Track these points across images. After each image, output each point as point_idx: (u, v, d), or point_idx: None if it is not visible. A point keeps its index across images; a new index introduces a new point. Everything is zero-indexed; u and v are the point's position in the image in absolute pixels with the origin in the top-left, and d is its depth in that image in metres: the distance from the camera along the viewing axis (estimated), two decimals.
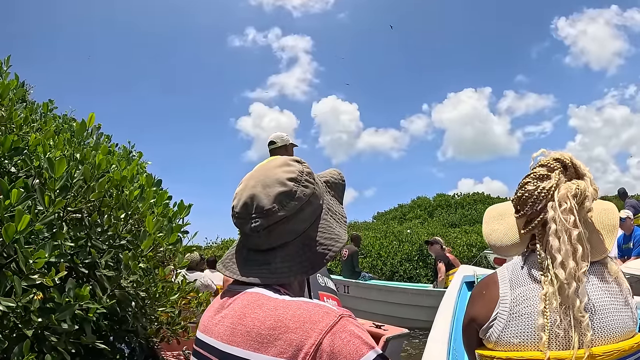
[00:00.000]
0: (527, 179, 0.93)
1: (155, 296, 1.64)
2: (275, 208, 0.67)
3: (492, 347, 0.90)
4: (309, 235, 0.70)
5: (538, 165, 0.95)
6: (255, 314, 0.62)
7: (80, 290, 1.28)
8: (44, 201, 1.24)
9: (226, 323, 0.65)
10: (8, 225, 1.05)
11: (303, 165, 0.73)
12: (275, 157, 0.78)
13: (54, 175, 1.27)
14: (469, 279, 2.31)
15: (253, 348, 0.59)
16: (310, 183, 0.71)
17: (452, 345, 1.67)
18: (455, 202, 19.71)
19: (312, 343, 0.56)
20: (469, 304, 1.00)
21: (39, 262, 1.10)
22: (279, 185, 0.68)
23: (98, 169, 1.38)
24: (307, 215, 0.70)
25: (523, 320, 0.85)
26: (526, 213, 0.91)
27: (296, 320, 0.58)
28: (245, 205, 0.69)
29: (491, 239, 1.02)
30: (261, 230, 0.67)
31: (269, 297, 0.64)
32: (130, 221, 1.63)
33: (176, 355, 2.26)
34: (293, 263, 0.68)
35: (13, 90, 1.58)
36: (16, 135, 1.55)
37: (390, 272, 10.12)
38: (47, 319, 1.15)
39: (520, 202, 0.93)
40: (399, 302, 6.30)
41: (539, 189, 0.89)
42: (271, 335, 0.58)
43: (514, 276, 0.91)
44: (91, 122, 1.64)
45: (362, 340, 0.57)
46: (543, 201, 0.88)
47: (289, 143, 2.79)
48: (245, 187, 0.71)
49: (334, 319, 0.58)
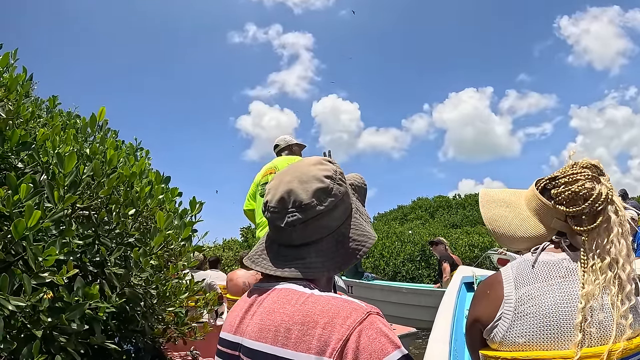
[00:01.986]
0: (579, 177, 0.92)
1: (165, 295, 1.60)
2: (313, 203, 0.68)
3: (496, 347, 0.89)
4: (342, 232, 0.71)
5: (579, 166, 0.94)
6: (284, 309, 0.62)
7: (90, 289, 1.24)
8: (54, 197, 1.20)
9: (255, 320, 0.65)
10: (18, 221, 1.02)
11: (335, 165, 0.75)
12: (309, 157, 0.79)
13: (64, 171, 1.24)
14: (468, 280, 2.33)
15: (280, 344, 0.59)
16: (342, 182, 0.73)
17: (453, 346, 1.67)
18: (456, 203, 19.70)
19: (339, 338, 0.56)
20: (473, 304, 0.99)
21: (49, 260, 1.06)
22: (316, 182, 0.69)
23: (109, 164, 1.34)
24: (340, 212, 0.71)
25: (528, 319, 0.84)
26: (582, 209, 0.90)
27: (324, 316, 0.58)
28: (282, 199, 0.69)
29: (496, 225, 1.00)
30: (298, 225, 0.67)
31: (298, 292, 0.64)
32: (140, 218, 1.59)
33: (183, 355, 2.22)
34: (326, 259, 0.69)
35: (20, 84, 1.54)
36: (23, 130, 1.51)
37: (393, 272, 10.11)
38: (56, 318, 1.11)
39: (574, 197, 0.91)
40: (402, 302, 6.28)
41: (597, 190, 0.90)
42: (299, 330, 0.58)
43: (519, 275, 0.90)
44: (101, 116, 1.60)
45: (389, 338, 0.57)
46: (603, 203, 0.90)
47: (293, 143, 2.94)
48: (280, 182, 0.71)
49: (362, 315, 0.58)
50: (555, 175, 0.96)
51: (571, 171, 0.93)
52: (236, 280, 4.43)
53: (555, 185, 0.94)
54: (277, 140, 3.01)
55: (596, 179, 0.92)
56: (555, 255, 0.91)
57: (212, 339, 3.56)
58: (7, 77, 1.54)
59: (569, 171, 0.94)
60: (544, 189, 0.97)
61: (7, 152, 1.45)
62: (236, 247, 12.62)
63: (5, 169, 1.49)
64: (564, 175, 0.93)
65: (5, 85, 1.50)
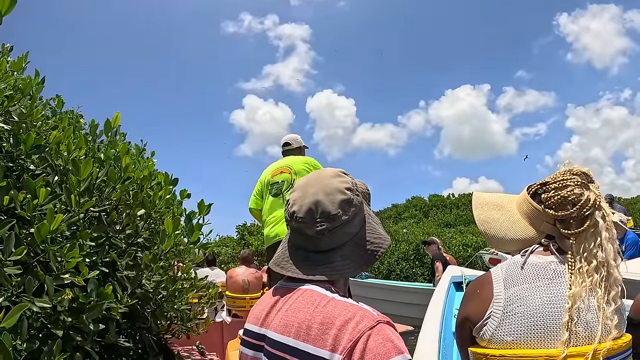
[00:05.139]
0: (569, 183, 0.95)
1: (174, 293, 1.65)
2: (339, 213, 0.76)
3: (485, 345, 0.93)
4: (361, 236, 0.80)
5: (570, 172, 0.98)
6: (307, 309, 0.70)
7: (103, 289, 1.29)
8: (71, 201, 1.24)
9: (280, 316, 0.74)
10: (41, 224, 1.06)
11: (349, 176, 0.83)
12: (325, 169, 0.85)
13: (80, 177, 1.28)
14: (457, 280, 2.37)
15: (302, 339, 0.67)
16: (359, 192, 0.81)
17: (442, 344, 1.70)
18: (451, 203, 19.84)
19: (350, 339, 0.64)
20: (463, 302, 1.02)
21: (71, 262, 1.11)
22: (340, 194, 0.77)
23: (125, 171, 1.39)
24: (358, 219, 0.80)
25: (517, 319, 0.87)
26: (570, 213, 0.94)
27: (341, 319, 0.66)
28: (310, 210, 0.76)
29: (487, 227, 1.04)
30: (326, 233, 0.75)
31: (321, 294, 0.72)
32: (149, 220, 1.64)
33: (187, 350, 2.28)
34: (350, 261, 0.77)
35: (33, 87, 1.57)
36: (36, 133, 1.54)
37: (387, 270, 10.21)
38: (75, 318, 1.15)
39: (563, 202, 0.95)
40: (395, 300, 6.36)
41: (585, 195, 0.94)
42: (319, 329, 0.66)
43: (508, 276, 0.93)
44: (116, 121, 1.64)
45: (394, 344, 0.64)
46: (591, 208, 0.93)
47: (303, 145, 2.92)
48: (304, 194, 0.78)
49: (372, 322, 0.66)
50: (546, 180, 0.99)
51: (562, 177, 0.97)
52: (236, 278, 4.48)
53: (545, 190, 0.98)
54: (287, 139, 2.95)
55: (585, 186, 0.96)
56: (544, 258, 0.94)
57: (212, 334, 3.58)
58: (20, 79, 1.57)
59: (559, 177, 0.97)
60: (535, 194, 1.00)
61: (20, 155, 1.48)
62: (232, 244, 12.63)
63: (18, 171, 1.52)
64: (555, 181, 0.97)
65: (19, 89, 1.53)
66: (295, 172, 2.67)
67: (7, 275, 1.04)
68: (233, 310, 4.48)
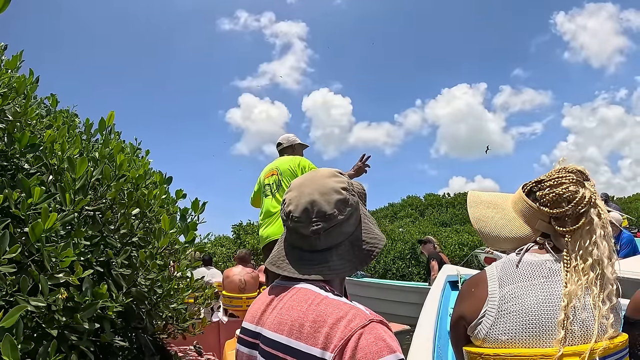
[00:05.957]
0: (564, 180, 0.95)
1: (169, 293, 1.65)
2: (335, 213, 0.76)
3: (480, 343, 0.92)
4: (356, 236, 0.80)
5: (565, 170, 0.98)
6: (300, 307, 0.71)
7: (99, 288, 1.29)
8: (66, 200, 1.24)
9: (274, 314, 0.74)
10: (36, 223, 1.06)
11: (345, 176, 0.84)
12: (321, 169, 0.85)
13: (75, 175, 1.27)
14: (453, 279, 2.37)
15: (294, 337, 0.68)
16: (354, 192, 0.81)
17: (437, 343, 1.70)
18: (446, 202, 19.93)
19: (341, 337, 0.64)
20: (458, 301, 1.02)
21: (66, 261, 1.10)
22: (335, 194, 0.77)
23: (119, 169, 1.38)
24: (354, 219, 0.80)
25: (511, 317, 0.87)
26: (565, 211, 0.94)
27: (333, 317, 0.67)
28: (306, 210, 0.77)
29: (483, 225, 1.04)
30: (322, 232, 0.76)
31: (315, 293, 0.73)
32: (144, 219, 1.63)
33: (183, 350, 2.27)
34: (345, 261, 0.78)
35: (27, 86, 1.56)
36: (30, 132, 1.54)
37: (383, 269, 10.24)
38: (70, 318, 1.15)
39: (558, 199, 0.95)
40: (391, 299, 6.38)
41: (580, 193, 0.93)
42: (311, 327, 0.67)
43: (503, 275, 0.93)
44: (110, 120, 1.64)
45: (386, 343, 0.63)
46: (586, 206, 0.93)
47: (296, 143, 2.95)
48: (300, 194, 0.78)
49: (364, 321, 0.66)
50: (541, 178, 0.99)
51: (557, 175, 0.97)
52: (232, 278, 4.48)
53: (540, 188, 0.97)
54: (280, 139, 3.03)
55: (580, 184, 0.95)
56: (539, 256, 0.94)
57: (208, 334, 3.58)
58: (14, 78, 1.56)
59: (554, 175, 0.97)
60: (530, 192, 1.00)
61: (15, 153, 1.47)
62: (228, 244, 12.60)
63: (12, 170, 1.52)
64: (550, 179, 0.97)
65: (13, 87, 1.52)
66: (280, 172, 2.74)
67: (2, 274, 1.04)
68: (229, 310, 4.48)
